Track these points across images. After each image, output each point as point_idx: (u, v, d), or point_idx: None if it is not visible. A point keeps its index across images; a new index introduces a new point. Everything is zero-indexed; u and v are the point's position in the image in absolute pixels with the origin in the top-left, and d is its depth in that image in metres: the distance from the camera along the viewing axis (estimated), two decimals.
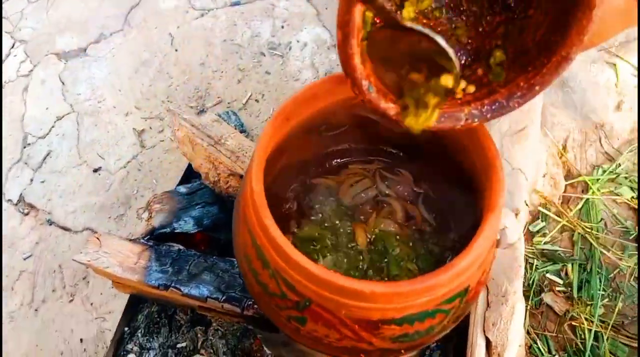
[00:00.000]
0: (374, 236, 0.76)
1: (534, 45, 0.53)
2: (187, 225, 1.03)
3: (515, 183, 1.02)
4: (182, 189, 1.10)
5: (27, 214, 1.32)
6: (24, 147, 1.42)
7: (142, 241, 0.98)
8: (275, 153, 0.71)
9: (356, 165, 0.83)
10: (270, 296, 0.64)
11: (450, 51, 0.49)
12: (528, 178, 1.07)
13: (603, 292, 1.15)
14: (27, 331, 1.18)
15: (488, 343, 0.90)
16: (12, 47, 1.60)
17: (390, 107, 0.55)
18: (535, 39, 0.53)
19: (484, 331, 0.90)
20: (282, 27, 1.56)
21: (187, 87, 1.48)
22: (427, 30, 0.49)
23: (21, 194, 1.35)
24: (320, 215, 0.80)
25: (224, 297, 0.88)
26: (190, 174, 1.17)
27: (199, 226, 1.03)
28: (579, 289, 1.15)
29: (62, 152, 1.40)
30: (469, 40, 0.58)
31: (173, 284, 0.90)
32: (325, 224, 0.79)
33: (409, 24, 0.50)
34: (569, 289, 1.15)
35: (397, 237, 0.75)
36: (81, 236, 1.29)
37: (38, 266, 1.25)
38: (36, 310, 1.20)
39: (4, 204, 1.34)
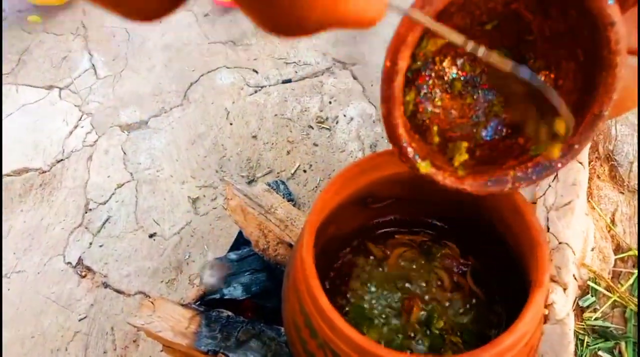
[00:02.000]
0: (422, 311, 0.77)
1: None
2: (236, 291, 1.07)
3: (562, 257, 1.01)
4: (233, 255, 1.15)
5: (84, 277, 1.39)
6: (85, 213, 1.51)
7: (193, 306, 1.01)
8: (324, 224, 0.75)
9: (402, 236, 0.86)
10: None
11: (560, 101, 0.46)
12: (575, 252, 1.06)
13: None
14: None
15: None
16: (80, 119, 1.73)
17: (436, 172, 0.58)
18: (570, 103, 0.56)
19: None
20: (330, 102, 1.64)
21: (239, 158, 1.56)
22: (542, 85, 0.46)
23: (80, 257, 1.42)
24: (368, 285, 0.83)
25: None
26: (240, 241, 1.22)
27: (248, 292, 1.07)
28: None
29: (121, 218, 1.48)
30: (505, 115, 0.62)
31: (222, 350, 0.92)
32: (373, 295, 0.81)
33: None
34: None
35: (446, 305, 0.76)
36: (134, 299, 1.35)
37: (92, 327, 1.30)
38: None
39: (64, 266, 1.41)
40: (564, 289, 0.99)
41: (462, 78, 0.63)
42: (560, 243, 1.03)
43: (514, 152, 0.61)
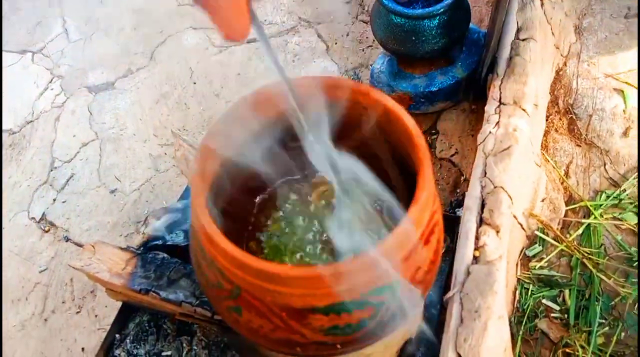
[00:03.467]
0: None
1: None
2: (178, 238, 1.08)
3: (496, 201, 1.01)
4: (178, 204, 1.16)
5: (47, 231, 1.41)
6: (51, 171, 1.53)
7: (131, 248, 1.03)
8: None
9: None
10: (212, 287, 0.67)
11: None
12: (515, 198, 1.06)
13: (602, 321, 1.10)
14: (35, 339, 1.25)
15: None
16: (50, 81, 1.75)
17: None
18: None
19: (456, 347, 0.89)
20: (293, 61, 1.63)
21: (202, 116, 1.57)
22: None
23: (44, 213, 1.45)
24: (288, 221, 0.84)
25: (197, 302, 0.92)
26: (188, 191, 1.23)
27: (189, 239, 1.08)
28: (576, 316, 1.11)
29: (84, 175, 1.51)
30: None
31: (153, 289, 0.95)
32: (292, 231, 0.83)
33: None
34: (566, 315, 1.11)
35: None
36: None
37: (51, 279, 1.34)
38: (45, 320, 1.28)
39: (28, 221, 1.44)
40: (497, 232, 0.99)
41: None
42: (495, 187, 1.03)
43: None
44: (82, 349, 1.23)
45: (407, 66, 1.37)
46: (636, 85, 1.39)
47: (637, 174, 1.26)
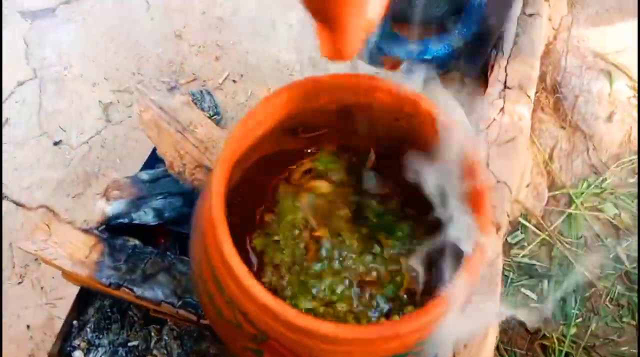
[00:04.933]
0: None
1: None
2: (146, 216, 0.95)
3: (499, 197, 0.96)
4: (144, 175, 1.02)
5: None
6: None
7: (95, 231, 0.90)
8: (245, 154, 0.64)
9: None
10: (226, 323, 0.58)
11: None
12: (512, 190, 1.02)
13: (577, 312, 1.11)
14: None
15: None
16: None
17: None
18: None
19: (454, 355, 0.86)
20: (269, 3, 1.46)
21: (160, 60, 1.39)
22: None
23: None
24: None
25: (179, 303, 0.81)
26: (155, 158, 1.09)
27: (160, 218, 0.96)
28: (553, 306, 1.12)
29: (22, 121, 1.30)
30: None
31: (126, 284, 0.83)
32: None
33: None
34: (543, 305, 1.12)
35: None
36: (36, 214, 1.21)
37: None
38: None
39: None
40: (497, 230, 0.95)
41: None
42: (498, 182, 0.98)
43: None
44: (27, 326, 1.10)
45: (401, 29, 1.25)
46: (622, 67, 1.36)
47: (619, 162, 1.26)
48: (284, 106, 0.61)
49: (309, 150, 0.74)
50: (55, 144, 1.28)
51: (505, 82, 1.08)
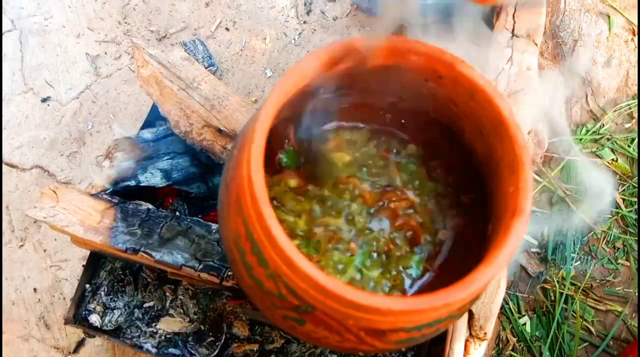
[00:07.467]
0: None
1: None
2: (154, 178, 0.93)
3: None
4: (147, 134, 0.99)
5: None
6: None
7: (104, 196, 0.88)
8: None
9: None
10: (265, 293, 0.57)
11: None
12: None
13: (575, 255, 1.15)
14: None
15: (470, 314, 0.88)
16: None
17: None
18: None
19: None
20: None
21: (147, 7, 1.31)
22: None
23: None
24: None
25: (200, 266, 0.81)
26: (155, 115, 1.05)
27: (168, 179, 0.94)
28: (554, 251, 1.15)
29: (4, 77, 1.23)
30: None
31: (143, 249, 0.82)
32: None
33: None
34: (544, 250, 1.15)
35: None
36: (30, 175, 1.17)
37: None
38: None
39: None
40: None
41: None
42: None
43: None
44: (34, 289, 1.09)
45: None
46: (621, 10, 1.35)
47: (616, 107, 1.27)
48: (324, 65, 0.59)
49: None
50: (44, 100, 1.22)
51: (513, 30, 1.05)
